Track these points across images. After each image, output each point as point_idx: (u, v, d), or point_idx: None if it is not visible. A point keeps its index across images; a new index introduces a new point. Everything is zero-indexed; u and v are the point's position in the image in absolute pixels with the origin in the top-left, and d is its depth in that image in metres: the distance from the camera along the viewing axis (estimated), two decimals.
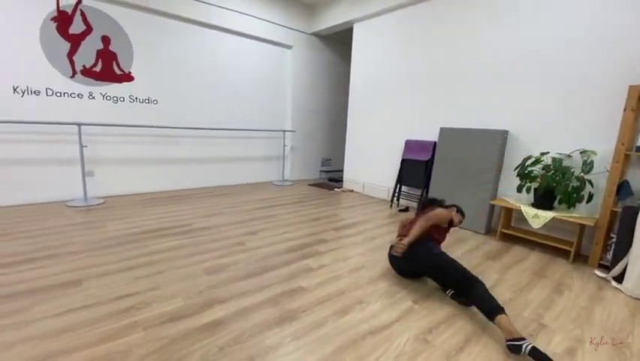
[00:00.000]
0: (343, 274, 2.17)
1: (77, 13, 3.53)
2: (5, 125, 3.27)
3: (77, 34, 3.57)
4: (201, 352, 1.38)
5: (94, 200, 3.71)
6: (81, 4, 3.53)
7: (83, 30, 3.59)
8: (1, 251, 2.28)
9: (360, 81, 4.86)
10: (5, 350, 1.34)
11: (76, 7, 3.51)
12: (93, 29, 3.64)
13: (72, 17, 3.52)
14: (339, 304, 1.81)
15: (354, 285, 2.03)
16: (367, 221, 3.48)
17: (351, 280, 2.09)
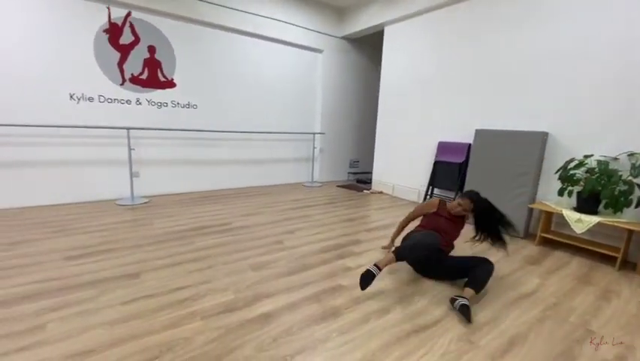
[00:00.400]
0: (381, 275, 2.22)
1: (127, 24, 3.80)
2: (63, 129, 3.57)
3: (127, 44, 3.85)
4: (256, 342, 1.48)
5: (140, 199, 3.97)
6: (130, 17, 3.80)
7: (131, 40, 3.86)
8: (66, 245, 2.52)
9: (390, 83, 4.88)
10: (80, 334, 1.50)
11: (125, 19, 3.79)
12: (141, 39, 3.90)
13: (122, 29, 3.79)
14: (380, 303, 1.86)
15: (392, 285, 2.07)
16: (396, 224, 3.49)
17: (390, 281, 2.13)
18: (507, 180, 3.28)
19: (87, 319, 1.60)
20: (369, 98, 6.22)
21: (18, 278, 1.96)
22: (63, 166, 3.66)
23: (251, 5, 4.55)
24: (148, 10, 3.85)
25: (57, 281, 1.95)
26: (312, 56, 5.48)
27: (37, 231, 2.79)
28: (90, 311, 1.67)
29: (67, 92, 3.59)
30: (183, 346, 1.43)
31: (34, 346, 1.39)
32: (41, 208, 3.48)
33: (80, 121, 3.64)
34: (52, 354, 1.35)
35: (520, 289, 2.11)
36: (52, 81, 3.48)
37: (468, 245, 2.66)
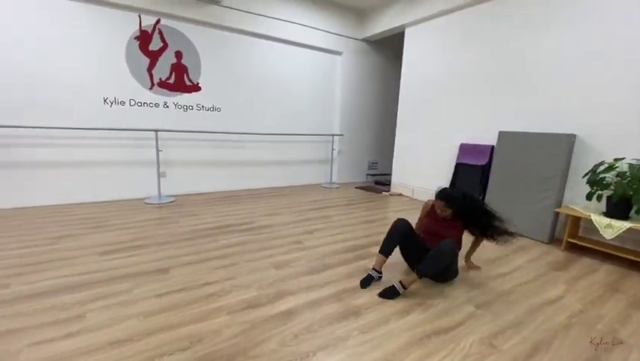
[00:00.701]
0: (401, 278, 2.23)
1: (156, 31, 3.99)
2: (97, 132, 3.79)
3: (156, 50, 4.03)
4: (279, 337, 1.54)
5: (167, 198, 4.15)
6: (159, 24, 3.98)
7: (160, 47, 4.05)
8: (102, 241, 2.68)
9: (410, 84, 4.85)
10: (118, 324, 1.61)
11: (155, 27, 3.97)
12: (169, 45, 4.08)
13: (151, 35, 3.99)
14: (400, 304, 1.88)
15: (413, 287, 2.08)
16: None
17: (415, 284, 2.14)
18: (532, 183, 3.20)
19: (123, 310, 1.72)
20: (389, 99, 6.21)
21: (60, 270, 2.12)
22: (97, 166, 3.89)
23: (272, 10, 4.65)
24: (175, 17, 4.03)
25: (95, 274, 2.09)
26: (331, 58, 5.53)
27: (76, 227, 2.98)
28: (126, 303, 1.79)
29: (102, 97, 3.81)
30: (212, 338, 1.52)
31: (78, 333, 1.51)
32: (79, 206, 3.70)
33: (112, 124, 3.85)
34: (95, 341, 1.46)
35: (545, 295, 2.07)
36: (89, 86, 3.70)
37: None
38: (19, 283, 1.93)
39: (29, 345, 1.41)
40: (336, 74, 5.65)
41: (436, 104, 4.46)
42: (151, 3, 3.79)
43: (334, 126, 5.82)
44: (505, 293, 2.04)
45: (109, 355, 1.38)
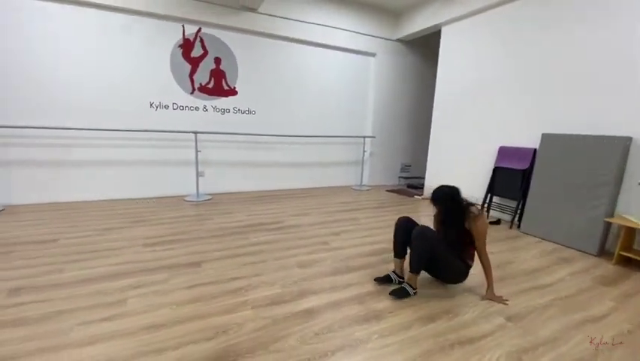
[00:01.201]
0: (431, 284, 2.17)
1: (197, 39, 4.25)
2: (144, 133, 4.11)
3: (197, 57, 4.29)
4: (299, 334, 1.58)
5: (204, 196, 4.39)
6: (201, 32, 4.23)
7: (201, 54, 4.30)
8: (144, 234, 2.91)
9: (446, 85, 4.69)
10: (153, 311, 1.73)
11: (196, 35, 4.23)
12: (208, 52, 4.33)
13: (193, 43, 4.25)
14: (425, 310, 1.83)
15: (439, 295, 2.02)
16: None
17: (437, 290, 2.08)
18: (579, 190, 2.95)
19: (159, 298, 1.86)
20: (424, 100, 6.04)
21: (106, 259, 2.33)
22: (142, 165, 4.22)
23: (306, 14, 4.75)
24: (215, 26, 4.26)
25: (137, 264, 2.28)
26: (364, 60, 5.51)
27: (122, 220, 3.27)
28: (161, 292, 1.93)
29: (149, 101, 4.13)
30: (236, 330, 1.59)
31: (118, 317, 1.65)
32: (125, 201, 4.04)
33: (156, 126, 4.16)
34: (132, 325, 1.59)
35: (588, 311, 1.90)
36: (137, 92, 4.04)
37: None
38: (72, 268, 2.16)
39: (78, 324, 1.58)
40: (370, 76, 5.61)
41: (473, 104, 4.27)
42: (193, 13, 4.05)
43: (366, 128, 5.79)
44: (541, 307, 1.91)
45: (142, 338, 1.50)
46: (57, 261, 2.27)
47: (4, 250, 2.41)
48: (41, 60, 3.56)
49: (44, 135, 3.66)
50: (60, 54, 3.62)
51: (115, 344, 1.45)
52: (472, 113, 4.30)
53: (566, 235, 2.99)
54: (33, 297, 1.80)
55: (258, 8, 4.35)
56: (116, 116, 3.94)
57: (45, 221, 3.14)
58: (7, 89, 3.46)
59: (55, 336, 1.48)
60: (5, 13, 3.36)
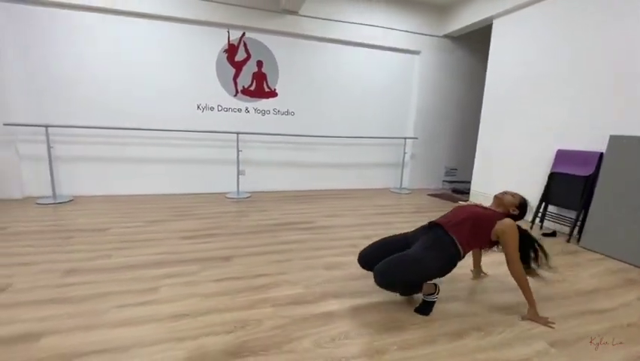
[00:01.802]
0: (460, 296, 2.01)
1: (241, 44, 4.44)
2: (190, 133, 4.39)
3: (240, 61, 4.49)
4: (315, 337, 1.55)
5: (244, 194, 4.57)
6: (244, 37, 4.42)
7: (244, 57, 4.48)
8: (183, 227, 3.09)
9: (497, 82, 4.33)
10: (181, 300, 1.82)
11: (240, 39, 4.42)
12: (251, 56, 4.49)
13: (237, 47, 4.44)
14: (453, 325, 1.69)
15: (472, 309, 1.85)
16: None
17: (469, 304, 1.91)
18: None
19: (188, 289, 1.95)
20: (472, 100, 5.65)
21: (148, 249, 2.52)
22: (188, 163, 4.51)
23: (347, 15, 4.71)
24: (258, 30, 4.41)
25: (173, 255, 2.43)
26: (407, 58, 5.31)
27: (168, 213, 3.52)
28: (192, 283, 2.03)
29: (196, 104, 4.41)
30: (254, 327, 1.60)
31: (149, 303, 1.77)
32: (171, 196, 4.36)
33: (202, 127, 4.42)
34: (161, 312, 1.69)
35: None
36: (186, 95, 4.33)
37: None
38: (118, 255, 2.37)
39: (114, 307, 1.72)
40: (413, 74, 5.39)
41: (528, 103, 3.87)
42: (238, 18, 4.24)
43: (408, 129, 5.57)
44: (594, 334, 1.65)
45: (168, 325, 1.58)
46: (106, 248, 2.51)
47: (66, 236, 2.73)
48: (103, 67, 3.98)
49: (105, 134, 4.09)
50: (120, 62, 4.02)
51: (143, 328, 1.55)
52: (525, 112, 3.91)
53: (636, 253, 2.57)
54: (81, 278, 2.00)
55: (298, 11, 4.41)
56: (167, 117, 4.27)
57: (102, 211, 3.50)
58: (74, 93, 3.93)
59: (92, 316, 1.62)
60: (72, 29, 3.81)
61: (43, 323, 1.55)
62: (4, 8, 3.57)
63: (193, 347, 1.44)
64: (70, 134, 3.97)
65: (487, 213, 1.85)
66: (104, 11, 3.84)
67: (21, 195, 3.91)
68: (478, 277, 2.25)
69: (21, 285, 1.90)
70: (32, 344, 1.40)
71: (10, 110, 3.71)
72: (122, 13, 3.90)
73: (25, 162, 3.91)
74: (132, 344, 1.43)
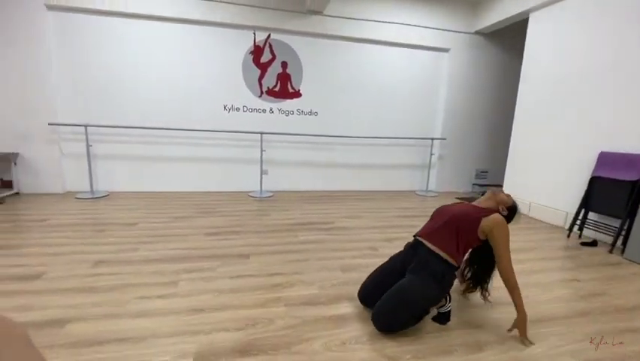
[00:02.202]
0: (483, 306, 1.89)
1: (267, 45, 4.50)
2: (217, 133, 4.52)
3: (265, 62, 4.55)
4: (325, 340, 1.52)
5: (266, 193, 4.63)
6: (270, 38, 4.48)
7: (269, 59, 4.55)
8: (207, 224, 3.18)
9: (532, 80, 4.06)
10: (198, 295, 1.86)
11: (266, 41, 4.49)
12: (276, 57, 4.55)
13: (263, 49, 4.51)
14: (474, 336, 1.59)
15: (493, 320, 1.74)
16: (528, 250, 2.88)
17: (491, 314, 1.80)
18: None
19: (205, 284, 2.00)
20: (505, 99, 5.35)
21: (172, 244, 2.62)
22: (214, 162, 4.65)
23: (373, 13, 4.64)
24: (283, 31, 4.45)
25: (195, 250, 2.50)
26: (436, 56, 5.13)
27: (191, 210, 3.64)
28: (209, 279, 2.07)
29: (223, 104, 4.53)
30: (265, 325, 1.61)
31: (168, 296, 1.83)
32: (196, 193, 4.51)
33: (227, 127, 4.54)
34: (178, 305, 1.74)
35: None
36: (214, 96, 4.47)
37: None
38: (143, 249, 2.48)
39: (135, 298, 1.79)
40: (442, 73, 5.20)
41: (566, 103, 3.60)
42: (264, 20, 4.30)
43: (435, 129, 5.38)
44: (635, 356, 1.48)
45: (183, 319, 1.62)
46: (134, 241, 2.63)
47: (99, 229, 2.90)
48: (135, 71, 4.19)
49: (137, 134, 4.31)
50: (151, 65, 4.22)
51: (160, 320, 1.60)
52: (564, 112, 3.64)
53: None
54: (109, 270, 2.11)
55: (323, 11, 4.41)
56: (195, 117, 4.43)
57: (133, 207, 3.69)
58: (111, 95, 4.18)
59: (116, 305, 1.70)
60: (108, 34, 4.05)
61: (70, 310, 1.65)
62: (54, 17, 3.87)
63: (204, 341, 1.46)
64: (107, 133, 4.22)
65: (469, 211, 1.67)
66: (138, 17, 4.06)
67: (62, 190, 4.22)
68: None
69: (54, 273, 2.03)
70: (58, 330, 1.49)
71: (56, 111, 4.02)
72: (154, 18, 4.10)
73: (67, 160, 4.21)
74: (149, 335, 1.48)
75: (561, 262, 2.63)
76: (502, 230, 1.58)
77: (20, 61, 3.81)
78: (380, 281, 1.75)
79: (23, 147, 3.98)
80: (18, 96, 3.87)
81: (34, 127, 3.95)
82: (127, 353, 1.35)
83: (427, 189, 5.36)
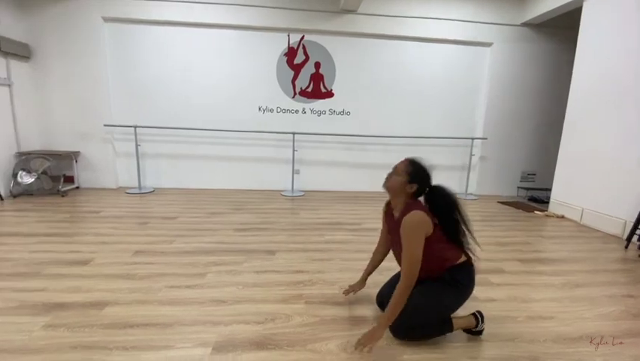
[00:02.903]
0: (518, 318, 1.75)
1: (300, 47, 4.57)
2: (251, 133, 4.67)
3: (299, 63, 4.62)
4: (341, 340, 1.50)
5: (298, 192, 4.70)
6: (303, 40, 4.54)
7: (303, 60, 4.61)
8: (238, 220, 3.30)
9: (587, 75, 3.67)
10: (223, 287, 1.94)
11: (300, 42, 4.55)
12: (309, 58, 4.60)
13: (297, 50, 4.58)
14: (505, 350, 1.48)
15: (531, 336, 1.59)
16: (577, 260, 2.61)
17: (529, 329, 1.65)
18: None
19: (231, 277, 2.08)
20: (556, 96, 4.89)
21: (205, 238, 2.75)
22: (249, 161, 4.81)
23: (409, 9, 4.51)
24: (317, 32, 4.49)
25: (224, 245, 2.61)
26: (477, 52, 4.84)
27: (225, 207, 3.80)
28: (235, 272, 2.15)
29: (257, 105, 4.68)
30: (283, 321, 1.63)
31: (195, 287, 1.93)
32: (230, 191, 4.70)
33: (261, 127, 4.67)
34: (204, 296, 1.83)
35: None
36: (249, 97, 4.63)
37: None
38: (179, 241, 2.64)
39: (166, 287, 1.91)
40: (483, 69, 4.90)
41: (624, 98, 3.20)
42: (298, 22, 4.38)
43: (476, 129, 5.08)
44: None
45: (207, 309, 1.70)
46: (171, 234, 2.81)
47: (143, 221, 3.14)
48: (179, 75, 4.48)
49: (180, 134, 4.60)
50: (193, 69, 4.48)
51: (186, 308, 1.70)
52: (623, 109, 3.24)
53: None
54: (146, 259, 2.28)
55: (357, 9, 4.37)
56: (232, 118, 4.63)
57: (174, 202, 3.94)
58: (157, 98, 4.51)
59: (147, 292, 1.83)
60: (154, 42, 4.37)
61: (109, 294, 1.81)
62: (109, 28, 4.28)
63: (225, 332, 1.52)
64: (154, 133, 4.56)
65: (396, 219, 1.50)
66: (181, 24, 4.33)
67: (115, 186, 4.63)
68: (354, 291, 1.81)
69: (100, 260, 2.24)
70: (99, 311, 1.64)
71: (111, 113, 4.43)
72: (196, 25, 4.34)
73: (119, 158, 4.62)
74: (175, 322, 1.58)
75: (614, 275, 2.34)
76: (406, 230, 1.38)
77: (81, 69, 4.25)
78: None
79: (83, 146, 4.44)
80: (79, 100, 4.32)
81: (92, 128, 4.39)
82: (153, 338, 1.45)
83: (466, 192, 5.08)
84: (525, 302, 1.92)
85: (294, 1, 4.32)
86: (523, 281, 2.19)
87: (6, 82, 3.88)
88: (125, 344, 1.39)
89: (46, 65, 4.22)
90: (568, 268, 2.44)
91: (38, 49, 4.18)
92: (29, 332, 1.45)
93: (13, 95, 3.99)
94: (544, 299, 1.96)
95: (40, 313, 1.60)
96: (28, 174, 3.89)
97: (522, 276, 2.28)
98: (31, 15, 4.08)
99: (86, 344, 1.38)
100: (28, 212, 3.36)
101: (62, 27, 4.14)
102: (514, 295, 1.99)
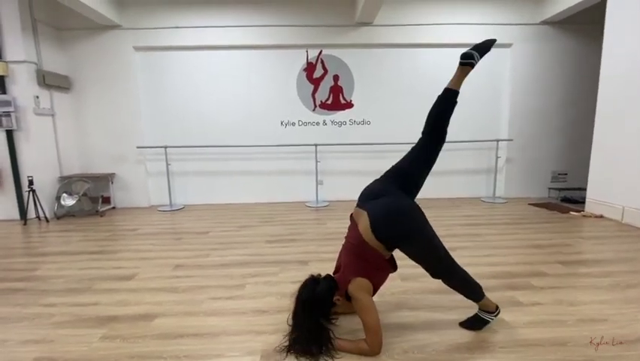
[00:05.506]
0: (568, 321, 1.68)
1: (319, 61, 4.69)
2: (275, 147, 4.79)
3: (318, 77, 4.74)
4: (387, 348, 1.50)
5: (322, 203, 4.74)
6: (321, 54, 4.66)
7: (322, 74, 4.72)
8: (268, 232, 3.37)
9: (616, 68, 3.56)
10: (262, 298, 1.98)
11: (318, 57, 4.68)
12: (328, 71, 4.71)
13: (315, 65, 4.71)
14: (557, 355, 1.42)
15: (584, 339, 1.53)
16: (623, 261, 2.49)
17: (580, 332, 1.58)
18: None
19: (268, 288, 2.12)
20: (582, 92, 4.75)
21: (238, 250, 2.83)
22: (273, 175, 4.92)
23: (423, 16, 4.56)
24: (334, 46, 4.61)
25: (258, 256, 2.67)
26: (497, 53, 4.76)
27: (256, 220, 3.89)
28: (272, 283, 2.19)
29: (280, 120, 4.81)
30: None
31: (236, 298, 1.98)
32: (258, 204, 4.80)
33: (284, 140, 4.79)
34: (244, 306, 1.88)
35: None
36: (272, 113, 4.78)
37: None
38: (214, 255, 2.73)
39: (209, 298, 1.97)
40: (504, 70, 4.84)
41: None
42: (316, 37, 4.52)
43: (501, 130, 4.99)
44: None
45: (249, 319, 1.74)
46: (206, 248, 2.90)
47: (177, 237, 3.27)
48: (205, 96, 4.70)
49: (207, 152, 4.78)
50: (217, 90, 4.69)
51: (229, 319, 1.75)
52: None
53: None
54: (186, 273, 2.36)
55: (373, 21, 4.46)
56: (256, 134, 4.77)
57: (204, 218, 4.07)
58: (184, 119, 4.72)
59: (192, 304, 1.90)
60: (181, 64, 4.61)
61: (157, 306, 1.89)
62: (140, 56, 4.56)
63: (270, 340, 1.55)
64: (182, 153, 4.76)
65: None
66: (203, 48, 4.56)
67: (148, 204, 4.84)
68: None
69: (144, 275, 2.34)
70: (149, 323, 1.71)
71: (143, 135, 4.67)
72: (218, 47, 4.57)
73: (151, 177, 4.84)
74: (220, 332, 1.62)
75: None
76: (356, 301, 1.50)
77: (115, 95, 4.54)
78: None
79: (118, 168, 4.69)
80: (113, 125, 4.60)
81: (126, 150, 4.64)
82: (203, 347, 1.50)
83: (494, 195, 4.95)
84: (572, 305, 1.84)
85: (311, 19, 4.47)
86: (568, 284, 2.11)
87: (50, 112, 4.20)
88: (177, 353, 1.45)
89: (84, 93, 4.55)
90: (615, 268, 2.32)
91: (77, 80, 4.51)
92: (89, 343, 1.54)
93: (56, 124, 4.30)
94: (594, 302, 1.88)
95: (96, 326, 1.69)
96: (70, 196, 4.14)
97: (566, 278, 2.19)
98: (70, 49, 4.43)
99: (142, 354, 1.45)
100: (72, 232, 3.56)
101: (98, 58, 4.46)
102: (560, 299, 1.91)
